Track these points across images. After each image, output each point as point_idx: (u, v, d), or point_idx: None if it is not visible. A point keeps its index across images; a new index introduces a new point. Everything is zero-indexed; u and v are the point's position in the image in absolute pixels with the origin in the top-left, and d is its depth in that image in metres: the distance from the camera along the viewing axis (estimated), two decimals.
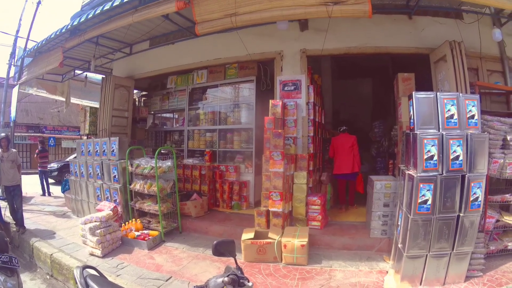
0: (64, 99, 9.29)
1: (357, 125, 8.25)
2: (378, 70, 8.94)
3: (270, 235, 4.29)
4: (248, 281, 1.75)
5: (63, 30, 5.55)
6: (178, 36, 6.41)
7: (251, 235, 4.25)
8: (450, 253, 3.23)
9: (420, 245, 3.21)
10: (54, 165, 12.91)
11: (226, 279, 1.71)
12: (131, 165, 5.51)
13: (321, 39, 5.10)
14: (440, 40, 4.72)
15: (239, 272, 1.80)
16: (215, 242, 1.93)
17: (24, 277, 4.14)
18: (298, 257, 3.98)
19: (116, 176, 5.67)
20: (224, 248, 1.95)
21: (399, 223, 3.56)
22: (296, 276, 3.71)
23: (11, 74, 12.54)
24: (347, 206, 6.01)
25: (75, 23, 5.19)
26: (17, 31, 12.26)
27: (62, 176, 12.34)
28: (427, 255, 3.24)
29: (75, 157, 9.89)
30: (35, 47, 6.85)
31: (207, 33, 4.53)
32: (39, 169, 9.73)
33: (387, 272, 3.70)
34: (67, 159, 13.66)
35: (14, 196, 5.84)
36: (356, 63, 8.43)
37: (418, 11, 4.83)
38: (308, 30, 5.44)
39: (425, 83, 5.06)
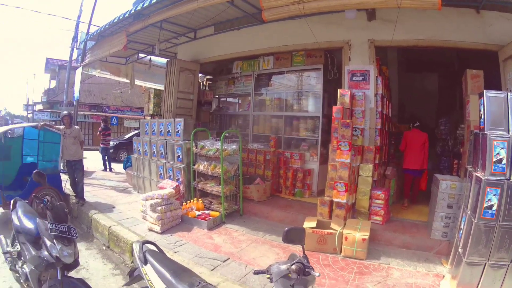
0: (128, 81, 9.75)
1: (422, 120, 7.88)
2: (443, 65, 8.43)
3: (332, 225, 4.23)
4: (314, 271, 1.70)
5: (126, 15, 5.72)
6: (243, 22, 6.37)
7: (313, 224, 4.22)
8: (508, 265, 3.00)
9: (481, 252, 3.02)
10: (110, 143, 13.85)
11: (293, 267, 1.67)
12: (196, 146, 5.66)
13: (388, 29, 4.93)
14: (508, 37, 4.37)
15: (306, 261, 1.75)
16: (286, 228, 1.90)
17: (80, 246, 4.35)
18: (357, 251, 3.91)
19: (180, 156, 5.88)
20: (294, 236, 1.92)
21: (462, 227, 3.38)
22: (354, 269, 3.65)
23: (74, 56, 13.51)
24: (409, 202, 5.84)
25: (138, 8, 5.31)
26: (79, 17, 13.18)
27: (117, 154, 13.21)
28: (485, 263, 3.04)
29: (132, 136, 10.37)
30: (98, 31, 7.16)
31: (273, 20, 4.47)
32: (101, 146, 10.38)
33: (443, 276, 3.53)
34: (124, 138, 14.55)
35: (76, 170, 6.18)
36: (421, 56, 8.00)
37: (486, 5, 4.45)
38: (376, 20, 5.22)
39: (493, 80, 4.68)
